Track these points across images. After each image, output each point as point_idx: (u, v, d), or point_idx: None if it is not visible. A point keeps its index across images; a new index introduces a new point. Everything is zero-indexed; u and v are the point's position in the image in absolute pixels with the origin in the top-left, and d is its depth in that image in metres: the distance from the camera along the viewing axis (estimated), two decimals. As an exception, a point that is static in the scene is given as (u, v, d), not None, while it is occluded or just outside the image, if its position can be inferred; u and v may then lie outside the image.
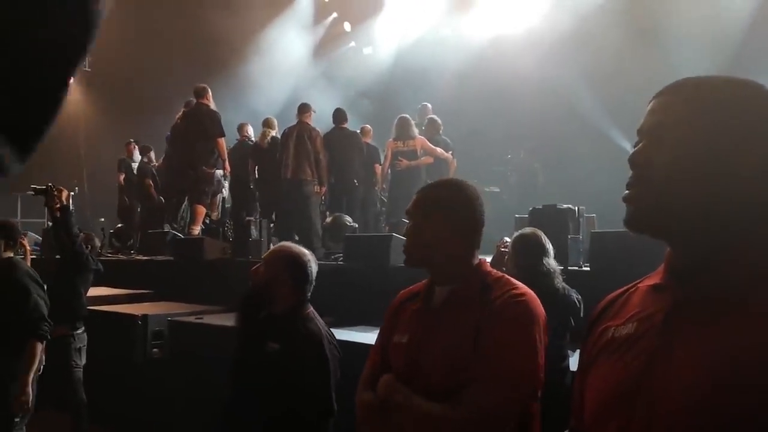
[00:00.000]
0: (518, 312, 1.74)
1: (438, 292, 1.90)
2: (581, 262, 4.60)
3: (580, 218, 4.72)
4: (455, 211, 1.88)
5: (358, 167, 8.27)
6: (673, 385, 0.95)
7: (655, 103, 1.09)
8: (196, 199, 8.50)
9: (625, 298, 1.16)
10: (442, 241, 1.86)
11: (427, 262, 1.90)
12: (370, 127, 9.32)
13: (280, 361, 2.64)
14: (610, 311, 1.17)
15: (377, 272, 5.35)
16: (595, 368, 1.12)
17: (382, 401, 1.82)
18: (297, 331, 2.71)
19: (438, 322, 1.84)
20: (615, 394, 1.04)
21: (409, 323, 1.92)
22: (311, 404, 2.64)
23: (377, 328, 4.40)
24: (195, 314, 5.24)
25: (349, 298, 5.23)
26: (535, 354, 1.71)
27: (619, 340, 1.08)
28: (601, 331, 1.15)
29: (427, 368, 1.79)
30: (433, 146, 8.40)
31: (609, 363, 1.08)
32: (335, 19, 14.71)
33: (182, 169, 8.56)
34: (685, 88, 1.07)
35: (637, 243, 4.43)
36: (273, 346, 2.67)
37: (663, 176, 1.03)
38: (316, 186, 7.95)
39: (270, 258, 2.90)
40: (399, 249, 5.21)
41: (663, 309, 1.02)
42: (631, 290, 1.17)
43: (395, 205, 8.26)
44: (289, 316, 2.76)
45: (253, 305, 2.80)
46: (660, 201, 1.03)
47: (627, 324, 1.09)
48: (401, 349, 1.89)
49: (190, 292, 6.24)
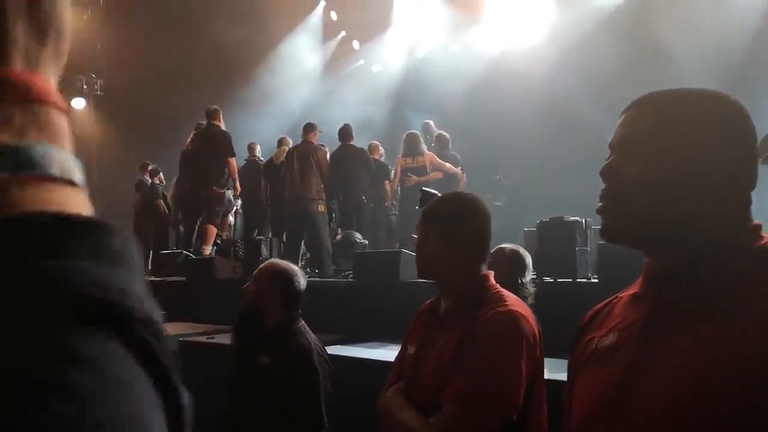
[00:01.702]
0: (500, 330, 1.70)
1: (443, 305, 1.92)
2: (589, 274, 4.60)
3: (587, 230, 4.72)
4: (456, 223, 1.88)
5: (366, 184, 8.30)
6: (651, 393, 0.97)
7: (624, 116, 1.13)
8: (207, 219, 8.57)
9: (608, 309, 1.19)
10: (441, 253, 1.87)
11: (431, 275, 1.92)
12: (377, 143, 9.37)
13: (272, 375, 2.69)
14: (594, 322, 1.19)
15: (387, 288, 5.37)
16: (580, 379, 1.14)
17: (384, 410, 1.86)
18: (287, 344, 2.77)
19: (436, 335, 1.86)
20: (598, 404, 1.05)
21: (418, 334, 1.95)
22: (302, 417, 2.67)
23: (387, 344, 4.44)
24: (206, 334, 5.26)
25: (359, 315, 5.25)
26: (514, 374, 1.65)
27: (602, 351, 1.10)
28: (585, 342, 1.17)
29: (420, 381, 1.81)
30: (442, 162, 8.43)
31: (592, 374, 1.10)
32: (344, 37, 14.83)
33: (194, 190, 8.65)
34: (653, 101, 1.11)
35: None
36: (264, 360, 2.72)
37: (633, 188, 1.06)
38: (321, 204, 8.00)
39: (258, 275, 2.97)
40: (408, 265, 5.27)
41: (641, 318, 1.05)
42: (614, 301, 1.20)
43: (405, 222, 8.29)
44: (280, 331, 2.82)
45: (246, 322, 2.87)
46: (631, 212, 1.06)
47: (609, 335, 1.11)
48: (409, 359, 1.92)
49: (201, 311, 6.27)
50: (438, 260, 1.88)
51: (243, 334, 2.90)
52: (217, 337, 5.08)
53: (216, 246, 8.64)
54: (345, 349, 4.44)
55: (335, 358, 4.24)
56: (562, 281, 4.53)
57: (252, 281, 2.98)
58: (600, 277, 4.44)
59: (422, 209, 2.01)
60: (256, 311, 2.84)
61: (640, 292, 1.11)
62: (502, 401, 1.65)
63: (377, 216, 8.68)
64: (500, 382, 1.66)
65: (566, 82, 10.28)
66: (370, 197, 8.36)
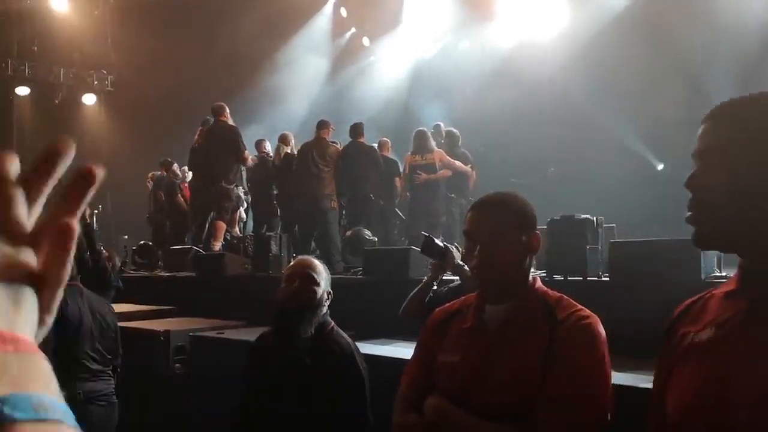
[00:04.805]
0: (588, 335, 1.72)
1: (491, 311, 1.85)
2: (600, 272, 4.57)
3: (599, 228, 4.69)
4: (532, 226, 1.88)
5: (375, 181, 8.28)
6: (755, 387, 1.01)
7: (703, 128, 1.17)
8: (217, 215, 8.60)
9: (702, 305, 1.24)
10: (518, 258, 1.85)
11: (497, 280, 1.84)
12: (387, 139, 9.35)
13: (315, 379, 2.64)
14: (687, 317, 1.25)
15: (396, 286, 5.35)
16: (677, 372, 1.19)
17: (431, 424, 1.78)
18: (328, 347, 2.72)
19: (499, 343, 1.79)
20: (699, 396, 1.11)
21: (458, 342, 1.86)
22: (350, 418, 2.65)
23: (397, 341, 4.44)
24: (216, 329, 5.28)
25: (368, 312, 5.24)
26: (607, 378, 1.71)
27: (699, 345, 1.15)
28: (679, 336, 1.22)
29: (488, 389, 1.74)
30: (452, 159, 8.40)
31: (691, 367, 1.15)
32: (354, 34, 14.83)
33: (204, 187, 8.68)
34: (728, 110, 1.14)
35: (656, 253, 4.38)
36: (307, 361, 2.68)
37: (718, 198, 1.11)
38: (333, 201, 8.01)
39: (299, 273, 2.82)
40: (418, 262, 5.26)
41: (740, 313, 1.09)
42: (706, 297, 1.25)
43: (414, 219, 8.27)
44: (319, 333, 2.75)
45: (289, 322, 2.74)
46: (718, 221, 1.12)
47: (705, 329, 1.16)
48: (452, 368, 1.82)
49: (211, 307, 6.28)
50: (513, 265, 1.84)
51: (284, 334, 2.78)
52: (226, 332, 5.09)
53: (225, 242, 8.66)
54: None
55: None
56: (572, 279, 4.51)
57: (289, 280, 2.80)
58: (611, 276, 4.41)
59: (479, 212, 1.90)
60: (298, 311, 2.71)
61: (737, 288, 1.14)
62: (601, 405, 1.69)
63: (387, 213, 8.67)
64: (599, 386, 1.70)
65: (577, 80, 10.24)
66: (379, 194, 8.34)
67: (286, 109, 13.36)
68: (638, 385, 2.87)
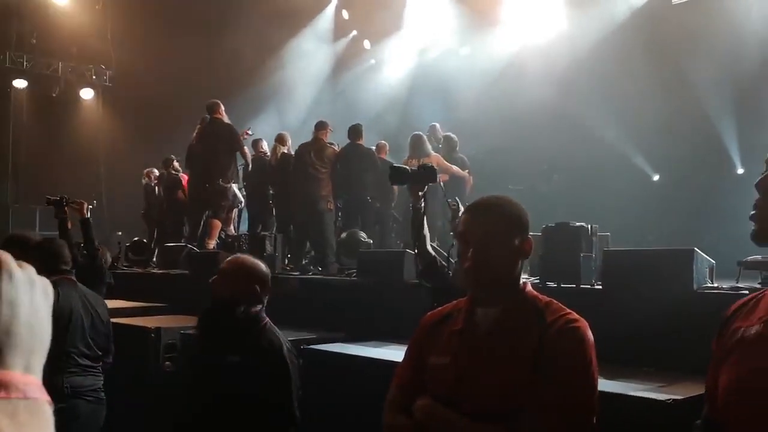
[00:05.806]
0: (577, 339, 1.74)
1: (482, 314, 1.86)
2: (593, 280, 4.58)
3: (593, 236, 4.70)
4: (525, 230, 1.89)
5: (371, 184, 8.26)
6: None
7: None
8: (212, 213, 8.58)
9: (753, 303, 1.34)
10: (513, 261, 1.86)
11: (488, 284, 1.85)
12: (385, 143, 9.34)
13: (241, 373, 2.66)
14: (741, 313, 1.36)
15: (390, 288, 5.36)
16: (727, 364, 1.30)
17: (420, 425, 1.79)
18: (256, 341, 2.75)
19: (488, 345, 1.81)
20: (746, 387, 1.21)
21: (448, 345, 1.87)
22: (275, 414, 2.66)
23: (389, 344, 4.44)
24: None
25: (362, 314, 5.25)
26: (594, 381, 1.74)
27: (748, 339, 1.26)
28: (731, 331, 1.34)
29: (477, 391, 1.75)
30: (448, 164, 8.40)
31: (738, 359, 1.27)
32: (355, 36, 14.84)
33: (200, 185, 8.67)
34: None
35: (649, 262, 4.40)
36: (233, 359, 2.69)
37: None
38: (329, 202, 8.00)
39: (228, 270, 2.90)
40: (412, 265, 5.25)
41: None
42: (758, 296, 1.35)
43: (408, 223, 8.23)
44: (248, 327, 2.79)
45: (213, 317, 2.83)
46: None
47: (755, 325, 1.27)
48: (442, 370, 1.84)
49: (204, 305, 6.26)
50: (506, 268, 1.85)
51: (209, 329, 2.85)
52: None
53: (220, 240, 8.65)
54: (346, 347, 4.45)
55: (336, 356, 4.26)
56: (565, 287, 4.52)
57: (220, 275, 2.89)
58: (604, 283, 4.43)
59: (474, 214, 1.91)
60: (228, 307, 2.77)
61: None
62: (589, 407, 1.72)
63: (383, 216, 8.66)
64: (587, 389, 1.73)
65: (576, 87, 10.27)
66: (375, 197, 8.33)
67: (285, 109, 13.36)
68: (628, 393, 2.87)
